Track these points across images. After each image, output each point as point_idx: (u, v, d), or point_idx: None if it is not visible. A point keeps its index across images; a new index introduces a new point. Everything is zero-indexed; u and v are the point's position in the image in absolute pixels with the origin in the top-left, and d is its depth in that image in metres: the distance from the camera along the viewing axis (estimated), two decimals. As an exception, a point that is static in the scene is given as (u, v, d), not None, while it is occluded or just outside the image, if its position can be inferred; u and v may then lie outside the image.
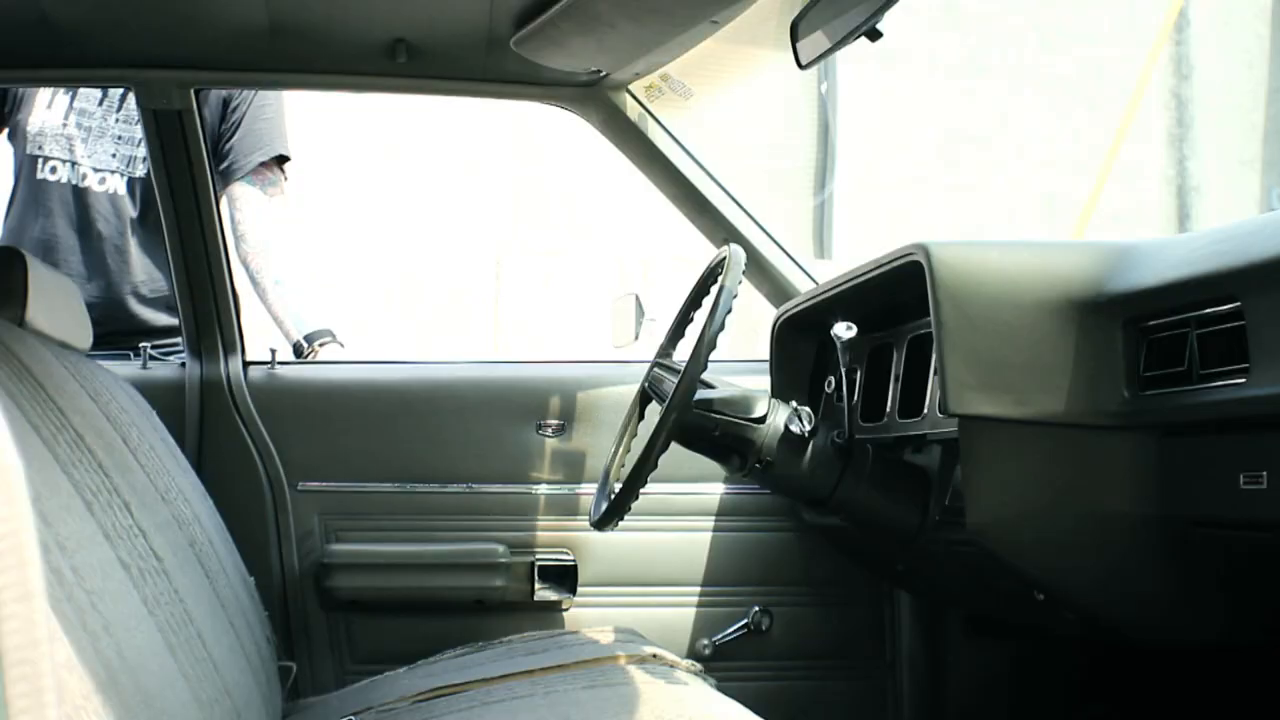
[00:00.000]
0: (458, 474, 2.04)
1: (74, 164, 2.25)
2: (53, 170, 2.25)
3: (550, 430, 2.07)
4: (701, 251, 2.13)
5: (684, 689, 1.33)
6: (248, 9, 1.65)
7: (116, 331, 2.15)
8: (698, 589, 2.05)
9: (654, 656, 1.51)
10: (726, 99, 2.14)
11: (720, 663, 1.98)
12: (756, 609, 2.02)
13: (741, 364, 2.06)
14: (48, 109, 2.26)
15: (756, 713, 1.27)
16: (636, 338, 2.01)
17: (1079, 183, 7.92)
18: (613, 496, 1.53)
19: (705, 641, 2.01)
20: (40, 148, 2.25)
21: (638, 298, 2.02)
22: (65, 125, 2.24)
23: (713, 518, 2.06)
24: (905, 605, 2.00)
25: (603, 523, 1.54)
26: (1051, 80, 8.07)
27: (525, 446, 2.06)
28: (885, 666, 2.02)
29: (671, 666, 1.48)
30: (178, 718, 1.05)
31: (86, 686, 0.85)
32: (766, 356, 1.97)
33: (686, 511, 2.06)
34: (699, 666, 1.52)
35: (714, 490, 2.07)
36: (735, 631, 2.02)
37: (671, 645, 1.84)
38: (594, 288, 6.42)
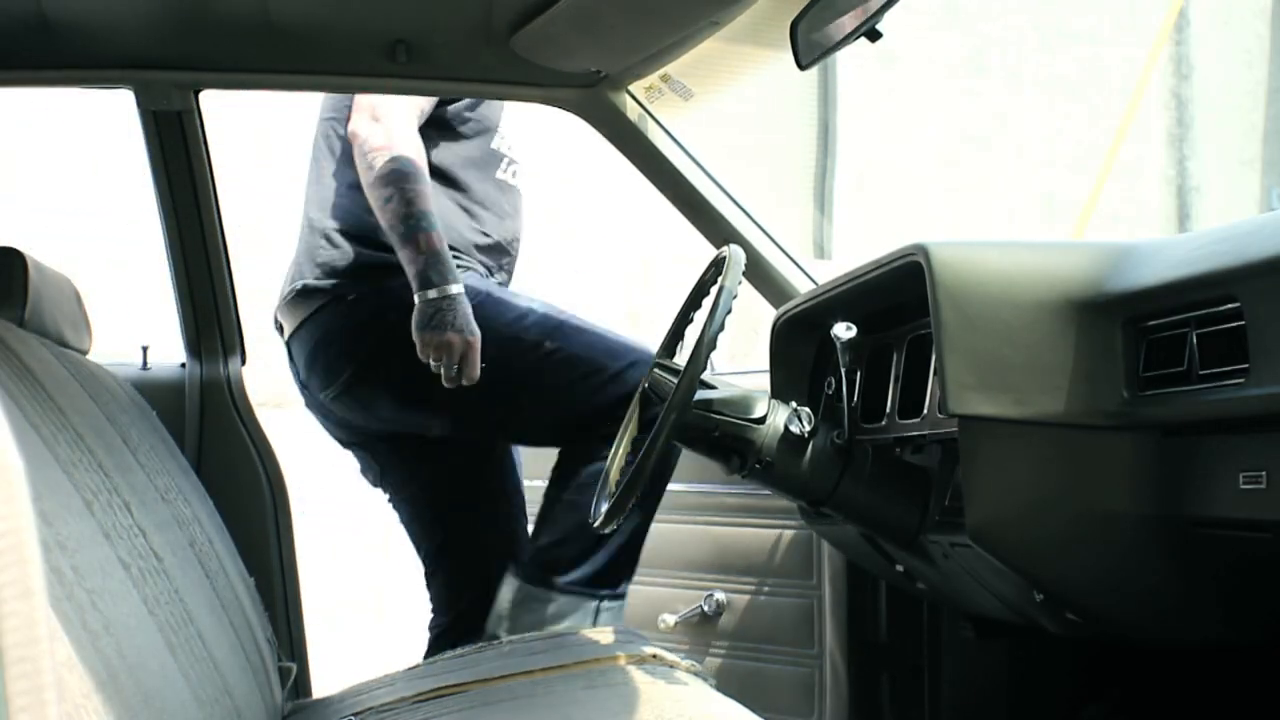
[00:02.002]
0: None
1: (513, 161, 2.13)
2: (514, 174, 2.13)
3: None
4: (702, 251, 2.14)
5: (684, 689, 1.33)
6: (248, 10, 1.66)
7: None
8: (686, 575, 2.17)
9: (654, 657, 1.51)
10: (727, 99, 2.14)
11: (706, 651, 2.05)
12: (725, 597, 2.12)
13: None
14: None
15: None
16: None
17: (1079, 183, 7.93)
18: (613, 497, 1.52)
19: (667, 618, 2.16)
20: (510, 148, 2.13)
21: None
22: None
23: (706, 514, 2.11)
24: (906, 606, 2.00)
25: (604, 523, 1.54)
26: (1051, 80, 8.08)
27: (531, 450, 2.18)
28: (872, 665, 2.03)
29: (671, 667, 1.48)
30: (178, 717, 1.05)
31: (86, 685, 0.85)
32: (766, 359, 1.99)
33: (684, 508, 2.11)
34: (698, 666, 1.52)
35: (710, 489, 2.10)
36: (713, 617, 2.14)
37: (648, 621, 2.11)
38: (593, 288, 6.42)
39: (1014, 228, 7.85)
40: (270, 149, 5.65)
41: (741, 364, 4.60)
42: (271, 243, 3.44)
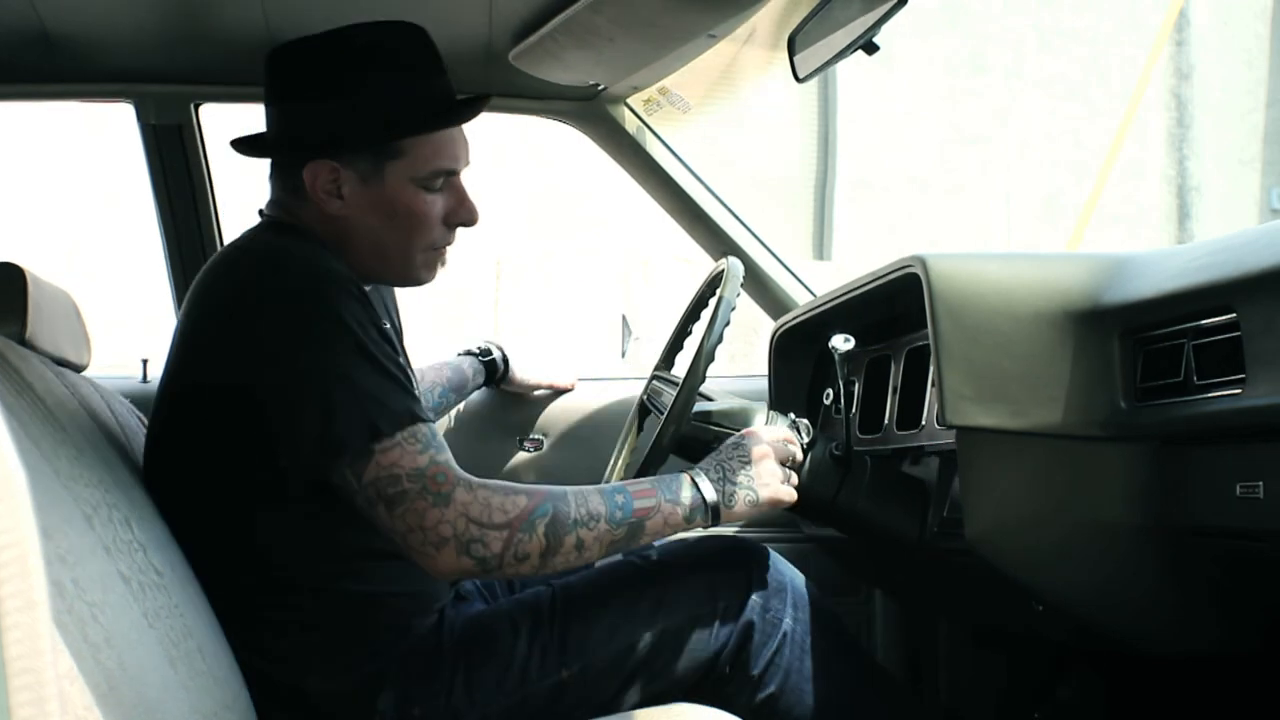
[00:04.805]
0: None
1: None
2: None
3: (531, 445, 2.15)
4: (702, 252, 2.15)
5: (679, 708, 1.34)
6: (247, 24, 1.66)
7: None
8: None
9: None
10: (726, 107, 2.14)
11: None
12: None
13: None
14: None
15: None
16: (623, 355, 2.04)
17: (1079, 183, 7.94)
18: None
19: None
20: None
21: (624, 318, 2.05)
22: None
23: (743, 528, 2.07)
24: (905, 617, 2.00)
25: None
26: (1051, 80, 8.09)
27: (509, 460, 2.12)
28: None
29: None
30: (178, 732, 1.06)
31: (88, 698, 0.85)
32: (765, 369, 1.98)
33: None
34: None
35: None
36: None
37: None
38: (594, 288, 6.43)
39: (1014, 228, 7.86)
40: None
41: (741, 365, 4.62)
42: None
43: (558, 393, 2.16)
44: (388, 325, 1.33)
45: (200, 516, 1.33)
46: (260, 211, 1.44)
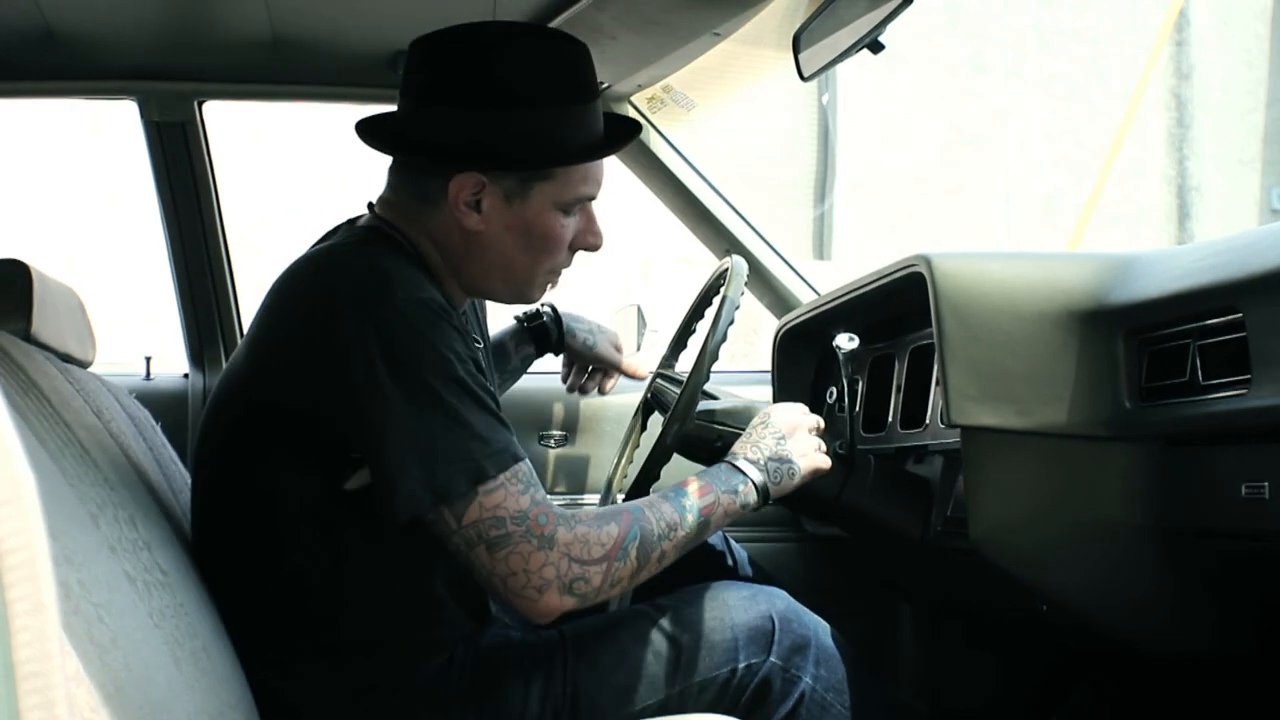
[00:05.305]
0: None
1: None
2: None
3: (553, 441, 2.09)
4: (703, 251, 2.14)
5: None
6: (250, 22, 1.66)
7: None
8: None
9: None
10: (729, 106, 2.14)
11: None
12: None
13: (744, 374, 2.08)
14: None
15: None
16: (639, 348, 2.01)
17: (1079, 183, 7.94)
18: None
19: None
20: None
21: (639, 308, 2.02)
22: None
23: (775, 529, 2.04)
24: (906, 617, 2.00)
25: None
26: (1051, 80, 8.09)
27: (529, 457, 2.06)
28: (888, 678, 2.02)
29: None
30: (184, 732, 1.06)
31: (95, 699, 0.85)
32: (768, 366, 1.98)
33: (763, 524, 2.02)
34: None
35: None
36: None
37: None
38: (593, 287, 6.43)
39: (1014, 228, 7.86)
40: (267, 150, 5.65)
41: (741, 365, 4.62)
42: (262, 248, 3.45)
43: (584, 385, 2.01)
44: (479, 346, 1.29)
45: (245, 536, 1.30)
46: (370, 205, 1.37)
